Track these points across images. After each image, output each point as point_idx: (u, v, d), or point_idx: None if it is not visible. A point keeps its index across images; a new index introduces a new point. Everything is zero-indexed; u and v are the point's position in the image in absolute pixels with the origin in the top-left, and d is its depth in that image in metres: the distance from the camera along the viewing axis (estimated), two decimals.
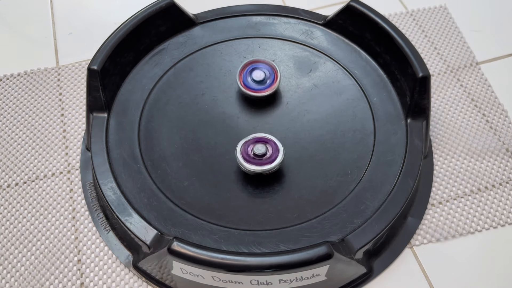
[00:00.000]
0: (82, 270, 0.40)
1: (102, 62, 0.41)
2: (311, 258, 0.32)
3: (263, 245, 0.35)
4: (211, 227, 0.36)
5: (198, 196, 0.38)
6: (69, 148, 0.47)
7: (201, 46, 0.47)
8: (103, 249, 0.41)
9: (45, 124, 0.48)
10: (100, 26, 0.57)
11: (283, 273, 0.33)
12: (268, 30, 0.48)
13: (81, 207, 0.43)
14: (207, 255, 0.32)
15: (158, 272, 0.38)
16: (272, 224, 0.37)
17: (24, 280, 0.39)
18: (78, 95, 0.50)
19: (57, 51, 0.54)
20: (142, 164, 0.39)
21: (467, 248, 0.41)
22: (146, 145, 0.41)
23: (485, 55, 0.54)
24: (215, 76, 0.45)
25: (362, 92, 0.44)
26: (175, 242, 0.32)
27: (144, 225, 0.35)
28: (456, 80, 0.53)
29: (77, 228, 0.42)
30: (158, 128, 0.42)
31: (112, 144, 0.40)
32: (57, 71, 0.52)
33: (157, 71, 0.45)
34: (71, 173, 0.45)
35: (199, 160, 0.40)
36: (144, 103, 0.43)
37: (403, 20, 0.58)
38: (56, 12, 0.58)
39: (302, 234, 0.36)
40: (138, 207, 0.37)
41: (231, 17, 0.49)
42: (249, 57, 0.46)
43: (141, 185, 0.38)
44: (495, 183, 0.45)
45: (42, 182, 0.44)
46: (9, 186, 0.44)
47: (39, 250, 0.41)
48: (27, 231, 0.42)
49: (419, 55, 0.41)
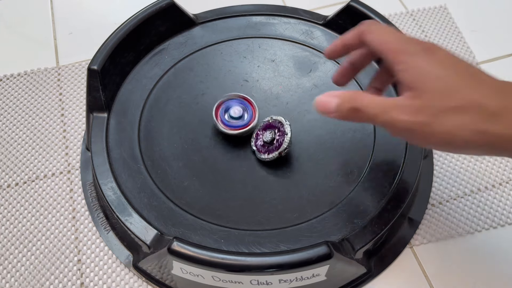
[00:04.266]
0: (82, 270, 0.40)
1: (102, 62, 0.41)
2: (311, 258, 0.32)
3: (263, 245, 0.35)
4: (211, 227, 0.36)
5: (198, 196, 0.38)
6: (69, 148, 0.47)
7: (201, 46, 0.47)
8: (103, 249, 0.41)
9: (45, 124, 0.48)
10: (100, 26, 0.56)
11: (283, 273, 0.33)
12: (268, 30, 0.48)
13: (81, 207, 0.43)
14: (207, 255, 0.32)
15: (158, 272, 0.38)
16: (272, 224, 0.37)
17: (24, 280, 0.39)
18: (78, 95, 0.50)
19: (57, 51, 0.54)
20: (142, 164, 0.39)
21: (467, 248, 0.41)
22: (146, 145, 0.41)
23: (485, 55, 0.54)
24: (215, 76, 0.45)
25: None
26: (175, 242, 0.32)
27: (144, 225, 0.35)
28: None
29: (77, 228, 0.42)
30: (158, 128, 0.42)
31: (112, 144, 0.40)
32: (57, 71, 0.52)
33: (157, 71, 0.45)
34: (71, 173, 0.45)
35: (199, 160, 0.40)
36: (144, 103, 0.43)
37: (403, 20, 0.58)
38: (56, 12, 0.58)
39: (302, 234, 0.36)
40: (138, 207, 0.37)
41: (231, 17, 0.49)
42: (249, 57, 0.46)
43: (141, 185, 0.38)
44: (495, 183, 0.45)
45: (42, 182, 0.44)
46: (9, 186, 0.44)
47: (39, 250, 0.41)
48: (27, 231, 0.42)
49: None
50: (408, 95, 0.25)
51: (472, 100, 0.23)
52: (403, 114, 0.25)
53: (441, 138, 0.24)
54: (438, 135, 0.24)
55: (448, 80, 0.24)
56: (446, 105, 0.24)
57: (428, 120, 0.24)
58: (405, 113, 0.25)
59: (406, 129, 0.25)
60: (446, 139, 0.24)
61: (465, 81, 0.24)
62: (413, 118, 0.24)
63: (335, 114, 0.27)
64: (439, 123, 0.24)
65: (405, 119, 0.25)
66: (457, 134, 0.24)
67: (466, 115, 0.23)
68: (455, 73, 0.24)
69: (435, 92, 0.24)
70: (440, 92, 0.24)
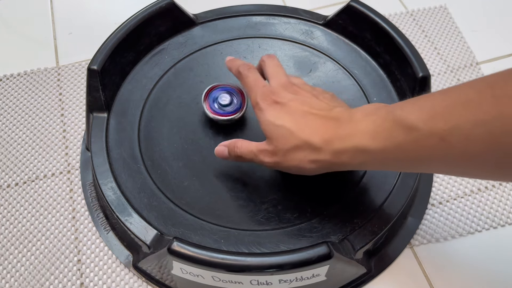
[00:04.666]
0: (82, 270, 0.40)
1: (102, 62, 0.41)
2: (311, 258, 0.32)
3: (263, 245, 0.35)
4: (211, 227, 0.36)
5: (198, 196, 0.38)
6: (69, 148, 0.47)
7: (201, 46, 0.47)
8: (103, 249, 0.41)
9: (45, 124, 0.48)
10: (100, 26, 0.56)
11: (283, 273, 0.33)
12: (268, 30, 0.48)
13: (81, 207, 0.43)
14: (207, 255, 0.32)
15: (158, 272, 0.38)
16: (272, 224, 0.37)
17: (24, 280, 0.39)
18: (78, 95, 0.50)
19: (57, 51, 0.54)
20: (142, 164, 0.39)
21: (467, 248, 0.41)
22: (146, 145, 0.40)
23: (485, 55, 0.54)
24: (215, 76, 0.45)
25: (362, 92, 0.44)
26: (175, 242, 0.32)
27: (144, 225, 0.35)
28: (456, 80, 0.52)
29: (77, 228, 0.42)
30: (158, 128, 0.42)
31: (112, 144, 0.40)
32: (57, 71, 0.52)
33: (157, 71, 0.45)
34: (71, 173, 0.45)
35: (199, 160, 0.40)
36: (144, 103, 0.43)
37: (403, 20, 0.58)
38: (56, 12, 0.58)
39: (302, 234, 0.36)
40: (138, 207, 0.37)
41: (231, 17, 0.49)
42: (249, 57, 0.46)
43: (141, 185, 0.38)
44: (495, 183, 0.45)
45: (42, 182, 0.44)
46: (9, 186, 0.44)
47: (39, 250, 0.41)
48: (27, 231, 0.42)
49: (419, 55, 0.41)
50: (266, 142, 0.33)
51: (303, 140, 0.31)
52: (266, 157, 0.33)
53: (295, 169, 0.33)
54: (292, 168, 0.33)
55: (286, 127, 0.32)
56: (287, 147, 0.32)
57: (281, 159, 0.32)
58: (267, 156, 0.33)
59: (271, 166, 0.34)
60: (299, 169, 0.32)
61: (298, 125, 0.32)
62: (271, 159, 0.33)
63: (229, 159, 0.37)
64: (288, 160, 0.32)
65: (267, 160, 0.33)
66: (302, 165, 0.32)
67: (302, 151, 0.31)
68: (292, 121, 0.32)
69: (278, 138, 0.32)
70: (282, 137, 0.32)
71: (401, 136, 0.27)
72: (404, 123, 0.27)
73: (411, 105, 0.28)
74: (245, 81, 0.36)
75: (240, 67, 0.37)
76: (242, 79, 0.37)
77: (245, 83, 0.36)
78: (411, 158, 0.28)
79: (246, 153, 0.35)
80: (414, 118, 0.27)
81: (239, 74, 0.37)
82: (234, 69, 0.38)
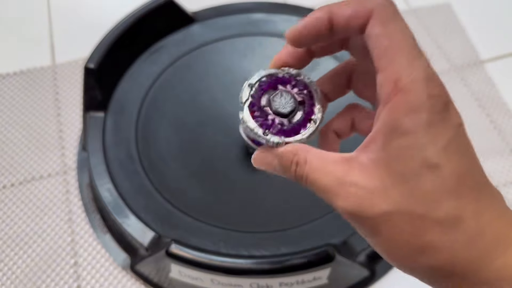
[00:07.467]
0: (79, 272, 0.39)
1: (99, 60, 0.41)
2: (312, 261, 0.32)
3: (264, 247, 0.35)
4: (210, 229, 0.36)
5: (196, 197, 0.37)
6: (65, 148, 0.46)
7: (200, 44, 0.46)
8: (100, 251, 0.40)
9: (41, 124, 0.48)
10: (98, 23, 0.56)
11: (284, 277, 0.32)
12: (268, 28, 0.48)
13: (77, 209, 0.42)
14: (206, 258, 0.32)
15: (156, 275, 0.37)
16: (272, 226, 0.36)
17: (21, 283, 0.39)
18: (74, 94, 0.50)
19: (53, 49, 0.54)
20: (139, 165, 0.39)
21: None
22: (144, 145, 0.40)
23: (489, 53, 0.54)
24: (214, 75, 0.44)
25: None
26: (173, 244, 0.32)
27: (141, 227, 0.35)
28: (460, 79, 0.52)
29: (74, 230, 0.41)
30: (156, 127, 0.41)
31: (109, 144, 0.40)
32: (53, 70, 0.51)
33: (155, 70, 0.44)
34: (68, 174, 0.44)
35: (198, 160, 0.39)
36: (141, 102, 0.42)
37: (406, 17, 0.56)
38: (53, 10, 0.57)
39: (303, 236, 0.35)
40: (136, 209, 0.36)
41: (231, 15, 0.48)
42: (250, 56, 0.46)
43: (138, 186, 0.38)
44: (499, 184, 0.44)
45: (38, 183, 0.44)
46: (5, 187, 0.44)
47: (36, 252, 0.40)
48: (23, 233, 0.41)
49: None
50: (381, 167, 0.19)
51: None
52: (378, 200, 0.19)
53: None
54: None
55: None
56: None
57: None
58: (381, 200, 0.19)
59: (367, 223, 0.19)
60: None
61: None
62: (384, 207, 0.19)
63: (276, 173, 0.23)
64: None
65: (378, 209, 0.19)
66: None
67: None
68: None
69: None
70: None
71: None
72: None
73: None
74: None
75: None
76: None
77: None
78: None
79: (321, 177, 0.20)
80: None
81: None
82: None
